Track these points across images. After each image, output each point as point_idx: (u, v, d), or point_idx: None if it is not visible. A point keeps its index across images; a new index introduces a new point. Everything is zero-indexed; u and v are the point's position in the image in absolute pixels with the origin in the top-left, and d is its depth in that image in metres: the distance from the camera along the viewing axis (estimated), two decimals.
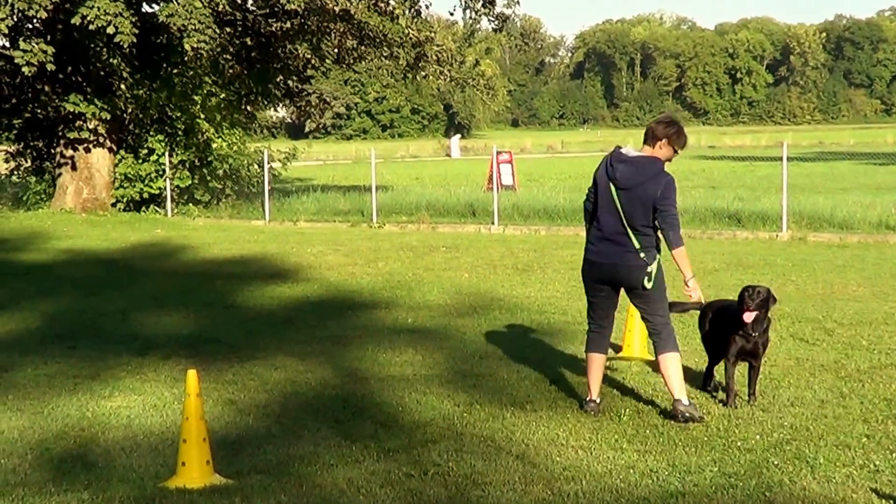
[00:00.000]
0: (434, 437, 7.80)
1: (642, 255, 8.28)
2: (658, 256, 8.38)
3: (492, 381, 9.50)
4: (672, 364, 8.36)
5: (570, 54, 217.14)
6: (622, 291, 8.58)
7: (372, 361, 10.47)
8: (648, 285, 8.32)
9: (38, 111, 30.38)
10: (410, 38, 30.90)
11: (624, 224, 8.29)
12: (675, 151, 8.45)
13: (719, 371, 9.04)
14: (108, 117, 29.27)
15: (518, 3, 30.60)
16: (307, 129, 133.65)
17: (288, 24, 30.00)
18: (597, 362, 8.62)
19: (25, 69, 25.84)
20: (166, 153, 30.03)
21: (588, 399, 8.56)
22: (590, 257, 8.56)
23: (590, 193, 8.61)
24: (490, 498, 6.56)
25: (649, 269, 8.29)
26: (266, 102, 35.57)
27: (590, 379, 8.61)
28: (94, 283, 16.60)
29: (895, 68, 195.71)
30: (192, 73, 30.49)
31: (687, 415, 8.11)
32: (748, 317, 8.48)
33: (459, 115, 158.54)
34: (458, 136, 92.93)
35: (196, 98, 30.68)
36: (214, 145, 31.30)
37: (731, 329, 8.64)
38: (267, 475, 7.01)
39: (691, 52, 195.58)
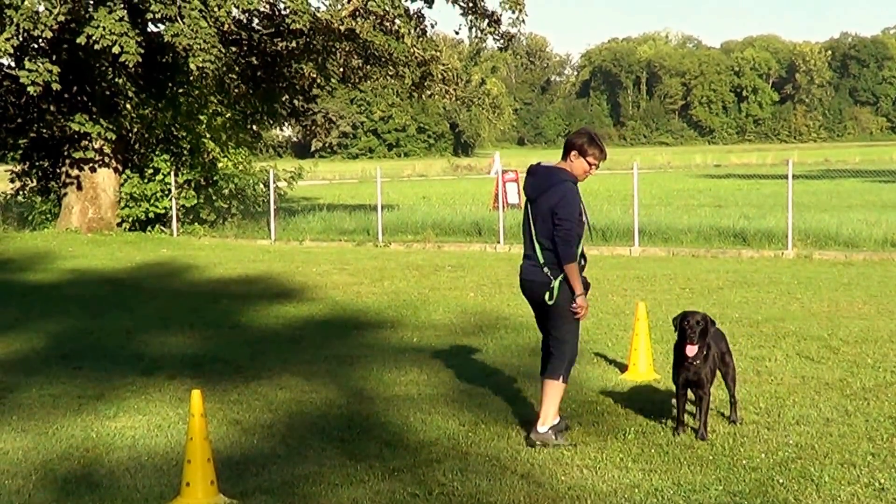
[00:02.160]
0: (439, 457, 7.79)
1: (546, 269, 8.14)
2: (563, 275, 8.10)
3: (497, 401, 9.49)
4: (552, 391, 8.22)
5: (575, 73, 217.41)
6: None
7: (377, 381, 10.47)
8: (549, 301, 8.14)
9: (44, 131, 30.45)
10: (416, 57, 30.99)
11: (532, 238, 8.23)
12: (590, 164, 8.19)
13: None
14: (114, 137, 29.33)
15: (523, 21, 30.54)
16: (313, 149, 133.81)
17: (293, 44, 30.07)
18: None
19: (31, 89, 25.90)
20: (172, 173, 30.08)
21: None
22: (519, 275, 8.52)
23: None
24: None
25: (552, 286, 8.11)
26: (272, 122, 35.65)
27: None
28: (99, 303, 16.62)
29: None
30: (197, 92, 30.58)
31: (537, 442, 8.03)
32: (691, 351, 8.21)
33: (465, 133, 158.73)
34: (498, 153, 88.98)
35: (202, 117, 30.76)
36: (220, 165, 31.36)
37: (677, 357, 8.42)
38: (272, 495, 7.01)
39: (697, 70, 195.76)
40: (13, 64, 28.97)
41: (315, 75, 31.46)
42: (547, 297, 8.11)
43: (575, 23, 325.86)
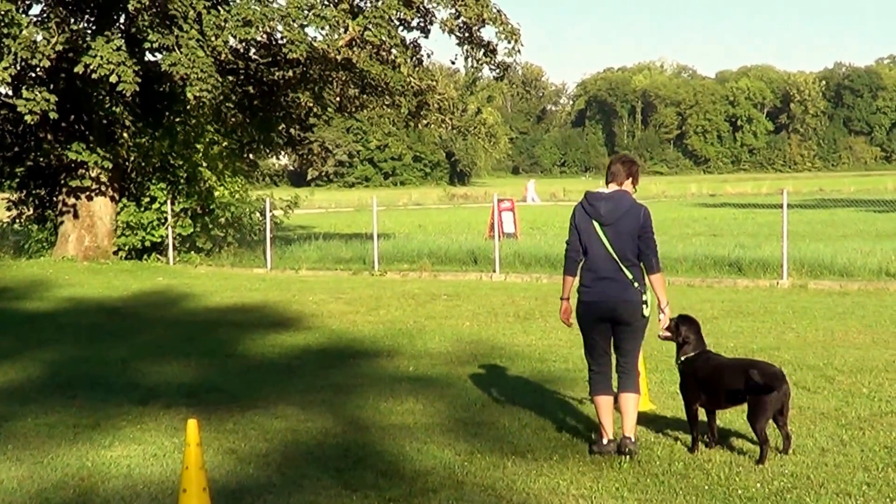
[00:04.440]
0: (435, 487, 7.79)
1: (636, 285, 8.58)
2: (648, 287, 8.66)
3: (493, 430, 9.49)
4: (632, 404, 8.67)
5: (571, 102, 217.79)
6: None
7: (373, 410, 10.46)
8: (647, 312, 8.62)
9: (41, 159, 30.49)
10: (412, 87, 31.06)
11: (615, 259, 8.56)
12: (634, 189, 8.92)
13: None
14: (111, 166, 29.38)
15: (519, 51, 30.58)
16: (309, 177, 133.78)
17: (290, 73, 30.16)
18: (605, 404, 8.76)
19: (28, 118, 25.96)
20: (168, 201, 30.10)
21: (605, 441, 8.63)
22: (587, 299, 8.72)
23: (571, 242, 8.81)
24: None
25: (645, 298, 8.61)
26: (268, 150, 35.69)
27: (602, 421, 8.72)
28: (95, 332, 16.61)
29: (895, 115, 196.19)
30: (194, 121, 30.62)
31: (631, 449, 8.45)
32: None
33: (461, 162, 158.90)
34: (533, 181, 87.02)
35: (198, 146, 30.77)
36: (216, 193, 31.34)
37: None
38: None
39: (692, 99, 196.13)
40: (11, 93, 29.05)
41: (311, 104, 31.54)
42: (644, 309, 8.61)
43: (570, 52, 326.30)
